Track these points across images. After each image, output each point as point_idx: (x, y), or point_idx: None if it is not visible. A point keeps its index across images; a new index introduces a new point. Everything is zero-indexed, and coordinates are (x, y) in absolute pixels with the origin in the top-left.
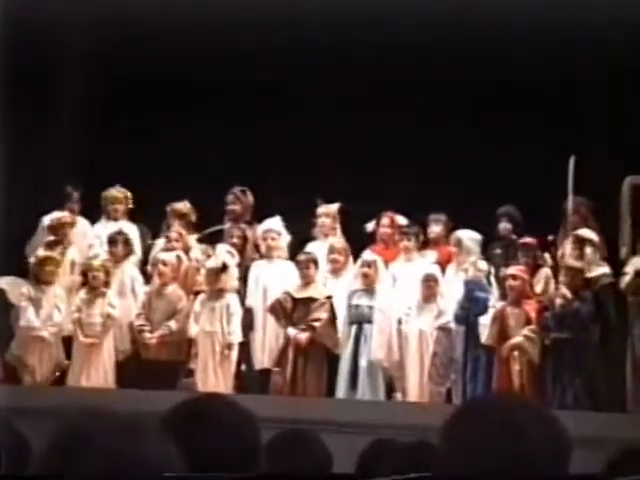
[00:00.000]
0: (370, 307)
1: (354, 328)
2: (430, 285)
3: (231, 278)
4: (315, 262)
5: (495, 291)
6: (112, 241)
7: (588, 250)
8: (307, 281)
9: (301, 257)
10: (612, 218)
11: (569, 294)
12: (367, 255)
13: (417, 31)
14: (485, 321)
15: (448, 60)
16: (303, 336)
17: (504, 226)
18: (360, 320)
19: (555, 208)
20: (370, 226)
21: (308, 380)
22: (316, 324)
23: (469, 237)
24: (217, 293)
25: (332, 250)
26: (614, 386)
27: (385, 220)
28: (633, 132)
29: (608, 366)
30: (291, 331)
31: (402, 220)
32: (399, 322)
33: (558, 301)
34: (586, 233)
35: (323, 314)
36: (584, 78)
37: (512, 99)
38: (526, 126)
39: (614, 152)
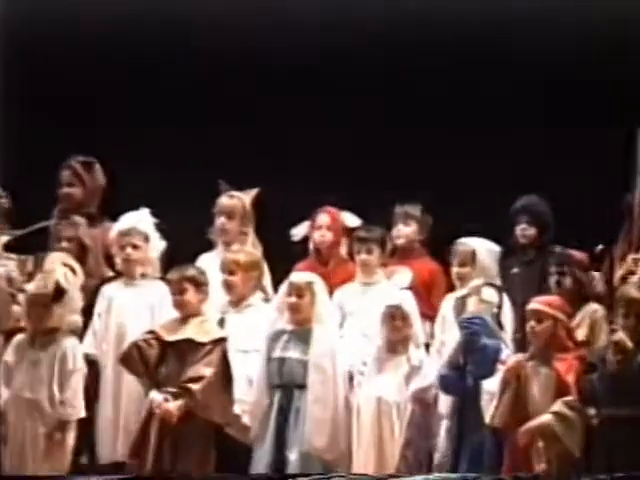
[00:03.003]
0: (302, 362)
1: (277, 397)
2: (397, 325)
3: (69, 311)
4: (198, 284)
5: (509, 337)
6: None
7: None
8: (185, 314)
9: (173, 275)
10: None
11: (629, 343)
12: (297, 276)
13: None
14: (491, 387)
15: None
16: (173, 405)
17: (524, 230)
18: (286, 383)
19: (604, 203)
20: (301, 230)
21: None
22: (194, 386)
23: (488, 249)
24: (44, 335)
25: (225, 267)
26: None
27: (323, 219)
28: None
29: None
30: (155, 397)
31: (351, 219)
32: (350, 385)
33: (612, 356)
34: None
35: (207, 369)
36: None
37: None
38: None
39: None
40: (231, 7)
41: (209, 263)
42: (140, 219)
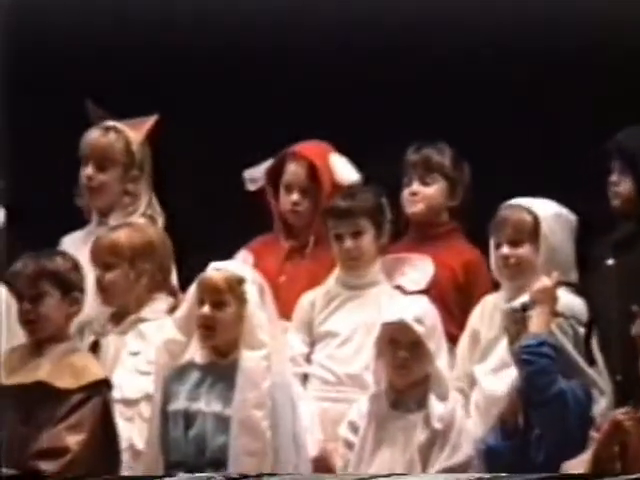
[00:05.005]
0: (222, 419)
1: None
2: (403, 357)
3: None
4: (64, 285)
5: (605, 379)
6: None
7: None
8: (38, 338)
9: (22, 270)
10: None
11: None
12: (215, 270)
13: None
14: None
15: None
16: None
17: (616, 183)
18: (194, 458)
19: None
20: (257, 174)
21: None
22: (51, 466)
23: (561, 218)
24: None
25: (96, 256)
26: None
27: (296, 170)
28: None
29: None
30: None
31: (346, 171)
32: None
33: None
34: None
35: (73, 437)
36: None
37: None
38: None
39: None
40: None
41: (78, 249)
42: None
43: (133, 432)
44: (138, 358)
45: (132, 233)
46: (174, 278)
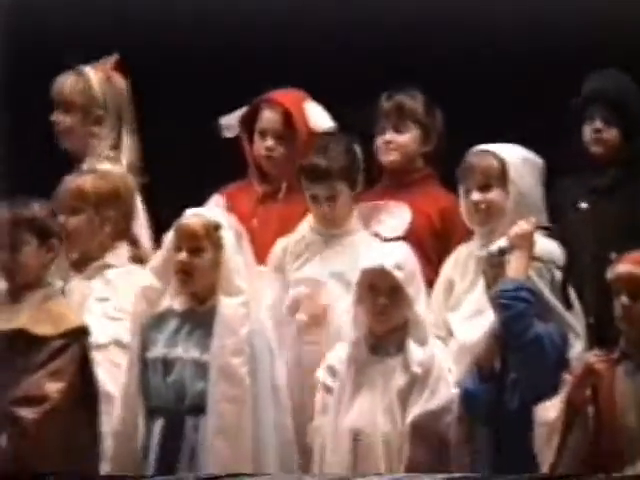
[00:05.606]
0: (200, 364)
1: (157, 426)
2: (382, 304)
3: None
4: (43, 232)
5: (580, 323)
6: None
7: None
8: (16, 285)
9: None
10: None
11: None
12: (192, 216)
13: None
14: (551, 413)
15: None
16: None
17: (598, 132)
18: (172, 404)
19: None
20: (231, 121)
21: None
22: (29, 414)
23: (527, 162)
24: None
25: (60, 202)
26: None
27: (271, 116)
28: None
29: None
30: None
31: (321, 118)
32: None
33: None
34: None
35: (53, 384)
36: None
37: None
38: None
39: None
40: None
41: None
42: None
43: (104, 376)
44: (106, 304)
45: (98, 180)
46: (135, 227)
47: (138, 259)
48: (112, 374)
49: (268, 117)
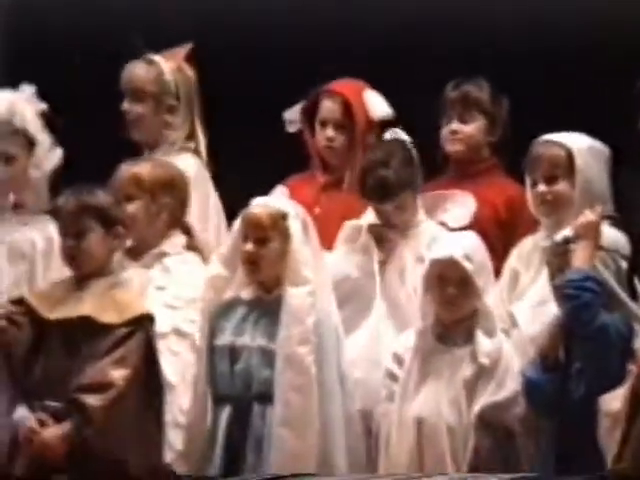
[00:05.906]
0: (267, 352)
1: (224, 415)
2: (451, 294)
3: None
4: (108, 220)
5: None
6: None
7: None
8: (82, 273)
9: (65, 204)
10: None
11: None
12: (259, 206)
13: None
14: (616, 404)
15: None
16: (53, 434)
17: None
18: (240, 392)
19: None
20: (293, 115)
21: None
22: (94, 401)
23: (594, 151)
24: None
25: (118, 189)
26: None
27: (327, 104)
28: None
29: None
30: (23, 418)
31: (380, 107)
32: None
33: None
34: None
35: (118, 371)
36: None
37: None
38: None
39: None
40: None
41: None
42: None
43: (165, 365)
44: (165, 292)
45: (155, 167)
46: (193, 213)
47: (192, 248)
48: (173, 363)
49: (328, 107)
